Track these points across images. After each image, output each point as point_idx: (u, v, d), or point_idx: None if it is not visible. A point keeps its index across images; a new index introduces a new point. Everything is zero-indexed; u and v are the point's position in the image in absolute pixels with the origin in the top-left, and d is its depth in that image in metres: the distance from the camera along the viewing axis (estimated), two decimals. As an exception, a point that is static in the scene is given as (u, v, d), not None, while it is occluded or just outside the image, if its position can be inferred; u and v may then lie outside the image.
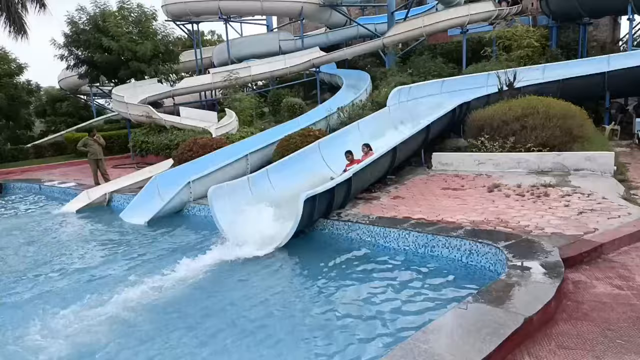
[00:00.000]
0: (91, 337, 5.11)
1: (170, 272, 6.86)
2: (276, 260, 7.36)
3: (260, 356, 4.59)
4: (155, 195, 11.55)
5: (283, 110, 19.98)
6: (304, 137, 12.27)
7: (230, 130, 16.49)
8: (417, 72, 19.41)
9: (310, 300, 5.83)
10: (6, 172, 19.40)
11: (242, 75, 22.00)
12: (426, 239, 6.93)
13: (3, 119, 25.90)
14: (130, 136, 19.81)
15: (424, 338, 3.83)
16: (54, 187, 15.08)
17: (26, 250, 9.00)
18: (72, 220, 11.44)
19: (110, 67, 20.90)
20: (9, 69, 25.45)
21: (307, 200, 7.60)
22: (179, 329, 5.23)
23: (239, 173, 11.73)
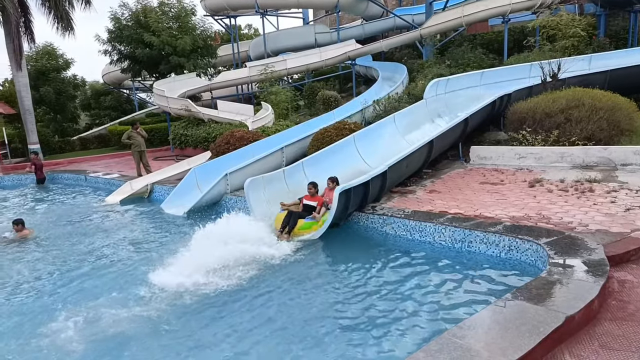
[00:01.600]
0: (132, 324, 5.33)
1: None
2: (310, 253, 7.42)
3: (298, 348, 4.66)
4: (193, 186, 11.84)
5: (318, 103, 20.00)
6: (339, 130, 12.24)
7: (266, 123, 16.67)
8: (456, 63, 18.96)
9: (343, 294, 5.85)
10: (54, 163, 20.35)
11: (278, 68, 22.14)
12: (463, 234, 6.81)
13: (51, 112, 27.13)
14: (170, 129, 20.37)
15: (460, 333, 3.79)
16: (99, 178, 15.71)
17: (73, 238, 9.42)
18: (116, 210, 11.90)
19: (151, 62, 21.51)
20: (57, 64, 26.60)
21: (342, 193, 7.61)
22: (223, 317, 5.41)
23: (274, 166, 11.86)
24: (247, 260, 6.93)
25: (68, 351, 4.79)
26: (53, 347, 4.89)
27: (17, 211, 12.53)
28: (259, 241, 7.62)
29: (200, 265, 6.59)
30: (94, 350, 4.79)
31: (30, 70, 22.78)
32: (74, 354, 4.74)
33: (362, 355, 4.41)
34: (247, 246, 7.26)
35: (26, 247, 8.84)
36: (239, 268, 6.69)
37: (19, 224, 9.36)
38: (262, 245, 7.46)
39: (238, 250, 7.10)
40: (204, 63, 22.12)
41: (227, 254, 6.95)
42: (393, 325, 4.90)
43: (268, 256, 7.16)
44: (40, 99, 24.72)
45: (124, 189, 13.23)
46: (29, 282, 7.02)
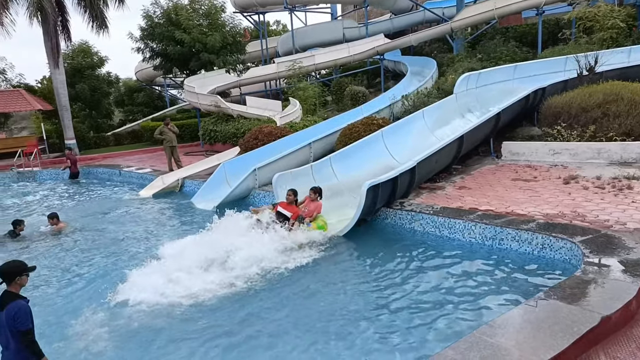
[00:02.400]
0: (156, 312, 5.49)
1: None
2: (338, 248, 7.44)
3: (324, 342, 4.69)
4: (223, 181, 12.03)
5: (346, 99, 19.93)
6: (367, 126, 12.17)
7: (294, 119, 16.73)
8: (487, 57, 18.52)
9: (369, 291, 5.84)
10: (90, 158, 21.02)
11: (305, 64, 22.14)
12: (494, 231, 6.69)
13: (86, 109, 27.99)
14: (200, 125, 20.70)
15: (490, 332, 3.74)
16: (132, 172, 16.14)
17: (106, 230, 9.73)
18: (148, 203, 12.22)
19: (182, 59, 21.87)
20: (92, 61, 27.40)
21: (370, 189, 7.58)
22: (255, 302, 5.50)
23: (302, 161, 11.92)
24: (277, 257, 6.95)
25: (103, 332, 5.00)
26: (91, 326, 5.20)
27: (53, 204, 13.03)
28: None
29: (227, 264, 6.68)
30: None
31: (66, 68, 23.51)
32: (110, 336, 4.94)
33: (388, 352, 4.40)
34: (277, 244, 7.31)
35: (61, 240, 9.17)
36: (268, 265, 6.73)
37: (54, 218, 9.69)
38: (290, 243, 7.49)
39: (265, 246, 7.15)
40: (233, 59, 22.34)
41: (254, 251, 6.99)
42: (421, 323, 4.87)
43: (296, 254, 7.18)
44: (76, 96, 25.51)
45: (156, 184, 13.56)
46: (62, 271, 7.29)
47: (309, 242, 7.52)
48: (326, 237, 7.83)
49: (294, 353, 4.52)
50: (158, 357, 4.64)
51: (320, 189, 8.44)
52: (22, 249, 8.76)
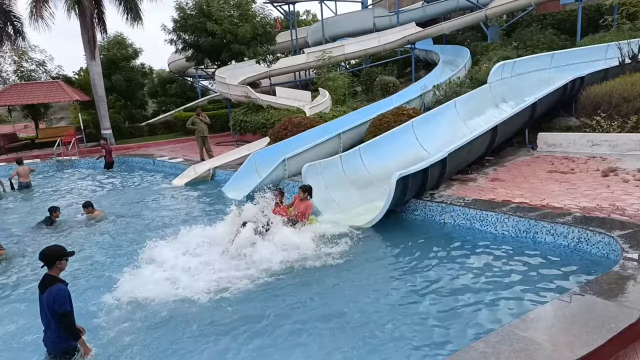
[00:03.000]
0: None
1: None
2: (366, 240, 7.40)
3: (356, 336, 4.70)
4: (252, 171, 12.17)
5: (376, 89, 19.76)
6: (397, 116, 12.05)
7: (323, 109, 16.72)
8: (523, 45, 17.96)
9: (399, 282, 5.80)
10: (125, 148, 21.62)
11: (335, 54, 22.06)
12: (528, 224, 6.53)
13: (122, 99, 28.74)
14: (231, 115, 20.95)
15: (522, 326, 3.67)
16: (165, 161, 16.52)
17: (139, 218, 10.02)
18: (180, 192, 12.50)
19: (213, 50, 22.13)
20: (127, 53, 28.03)
21: (400, 180, 7.51)
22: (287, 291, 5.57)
23: (331, 151, 11.91)
24: (307, 251, 6.91)
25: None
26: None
27: (89, 192, 13.49)
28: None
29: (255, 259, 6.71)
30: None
31: (102, 60, 24.16)
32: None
33: (418, 345, 4.38)
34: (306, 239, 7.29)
35: (95, 227, 9.46)
36: (294, 257, 6.72)
37: (88, 207, 9.97)
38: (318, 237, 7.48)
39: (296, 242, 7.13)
40: (263, 50, 22.45)
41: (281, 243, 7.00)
42: (451, 316, 4.82)
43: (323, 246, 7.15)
44: (111, 87, 26.21)
45: (189, 173, 13.84)
46: (93, 257, 7.51)
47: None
48: (353, 228, 7.81)
49: (324, 346, 4.48)
50: (188, 347, 4.70)
51: (309, 187, 7.95)
52: (57, 235, 9.08)
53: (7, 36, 23.02)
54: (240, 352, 4.53)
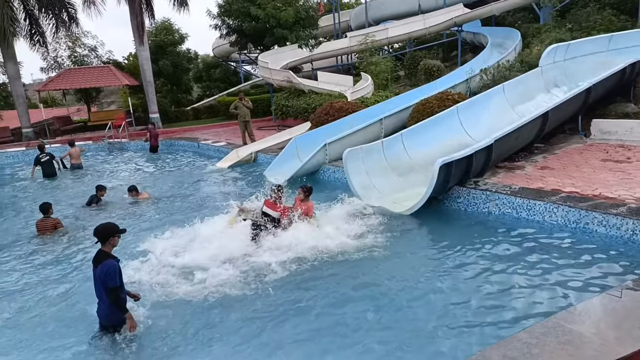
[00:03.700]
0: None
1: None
2: (406, 227, 7.31)
3: (390, 320, 4.70)
4: (294, 156, 12.26)
5: (420, 73, 19.30)
6: (441, 101, 11.74)
7: (365, 94, 16.54)
8: (579, 26, 16.97)
9: (441, 271, 5.70)
10: (171, 131, 22.28)
11: (378, 38, 21.63)
12: (578, 214, 6.26)
13: (168, 84, 29.53)
14: (273, 100, 21.11)
15: (569, 318, 3.55)
16: (209, 145, 16.92)
17: (184, 199, 10.34)
18: (223, 175, 12.79)
19: (256, 35, 22.30)
20: (173, 38, 28.70)
21: (443, 167, 7.35)
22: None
23: (373, 137, 11.80)
24: (347, 239, 6.79)
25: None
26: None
27: (137, 174, 14.06)
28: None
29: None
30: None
31: (150, 45, 24.85)
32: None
33: (462, 333, 4.32)
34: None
35: (141, 207, 9.83)
36: (329, 245, 6.61)
37: (133, 191, 10.33)
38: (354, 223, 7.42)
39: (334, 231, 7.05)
40: (305, 34, 22.38)
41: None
42: (495, 305, 4.73)
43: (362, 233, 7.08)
44: (159, 72, 26.96)
45: (231, 156, 14.13)
46: (136, 235, 7.66)
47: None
48: (393, 215, 7.74)
49: (367, 338, 4.41)
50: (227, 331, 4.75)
51: (310, 187, 7.43)
52: (105, 214, 9.50)
53: (62, 22, 24.04)
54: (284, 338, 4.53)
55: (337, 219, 7.47)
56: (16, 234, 8.64)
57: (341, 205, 8.15)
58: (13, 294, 6.02)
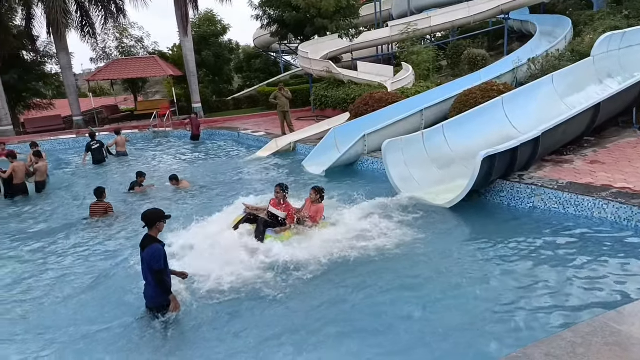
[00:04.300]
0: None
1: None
2: (444, 221, 7.18)
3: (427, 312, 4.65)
4: (332, 146, 12.25)
5: (463, 63, 18.81)
6: (485, 92, 11.39)
7: (405, 84, 16.28)
8: (636, 13, 16.01)
9: (481, 267, 5.55)
10: (212, 121, 22.72)
11: (420, 27, 21.21)
12: (630, 211, 5.96)
13: (210, 75, 30.09)
14: (312, 90, 21.14)
15: (617, 318, 3.39)
16: (249, 135, 17.16)
17: (225, 187, 10.56)
18: (262, 164, 12.95)
19: (297, 25, 22.30)
20: (216, 29, 29.17)
21: (486, 159, 7.15)
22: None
23: (413, 128, 11.63)
24: (385, 234, 6.68)
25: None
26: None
27: (179, 162, 14.46)
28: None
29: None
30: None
31: (194, 36, 25.34)
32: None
33: (506, 332, 4.22)
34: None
35: (181, 194, 10.15)
36: (377, 239, 6.55)
37: (173, 180, 10.61)
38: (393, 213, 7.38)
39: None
40: (346, 24, 22.21)
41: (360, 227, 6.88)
42: (539, 304, 4.59)
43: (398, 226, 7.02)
44: (201, 62, 27.49)
45: (270, 146, 14.29)
46: (181, 219, 7.71)
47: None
48: (432, 208, 7.62)
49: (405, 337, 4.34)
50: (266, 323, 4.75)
51: (322, 189, 7.05)
52: (147, 200, 9.86)
53: (111, 14, 24.93)
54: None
55: (373, 213, 7.43)
56: (69, 217, 9.15)
57: (378, 198, 8.11)
58: (64, 273, 6.37)
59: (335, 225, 6.98)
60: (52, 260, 6.95)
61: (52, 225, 8.66)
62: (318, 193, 6.92)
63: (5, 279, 6.29)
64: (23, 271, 6.53)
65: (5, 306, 5.49)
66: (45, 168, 11.51)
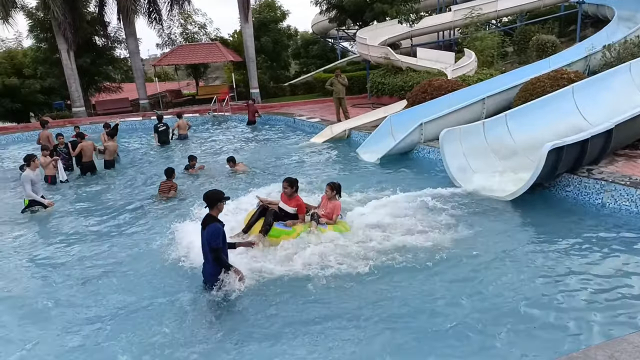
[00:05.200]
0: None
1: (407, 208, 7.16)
2: (504, 215, 6.91)
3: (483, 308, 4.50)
4: (387, 134, 12.09)
5: (530, 50, 17.80)
6: (554, 80, 10.73)
7: (467, 71, 15.68)
8: None
9: (540, 267, 5.24)
10: (269, 106, 23.11)
11: (485, 11, 20.26)
12: None
13: (268, 61, 30.50)
14: (369, 77, 20.89)
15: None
16: (304, 121, 17.29)
17: (278, 171, 10.68)
18: (317, 150, 13.04)
19: (356, 10, 22.09)
20: (275, 15, 29.45)
21: (552, 151, 6.77)
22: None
23: (473, 117, 11.22)
24: (438, 228, 6.41)
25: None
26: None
27: (236, 146, 14.83)
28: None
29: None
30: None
31: (254, 22, 25.76)
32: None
33: (565, 331, 4.04)
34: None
35: (235, 177, 10.46)
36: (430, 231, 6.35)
37: (231, 161, 10.89)
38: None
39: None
40: (406, 9, 21.67)
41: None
42: (603, 306, 4.31)
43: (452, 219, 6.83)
44: (260, 48, 27.93)
45: (325, 133, 14.32)
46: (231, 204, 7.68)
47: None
48: (492, 200, 7.35)
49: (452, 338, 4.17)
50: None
51: (339, 185, 6.67)
52: (201, 180, 10.31)
53: (176, 1, 25.82)
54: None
55: (428, 203, 7.28)
56: (136, 194, 9.77)
57: (434, 188, 7.94)
58: (128, 245, 6.74)
59: (387, 217, 6.79)
60: (116, 232, 7.44)
61: (120, 201, 9.21)
62: (334, 189, 6.55)
63: (73, 252, 6.75)
64: (90, 244, 6.99)
65: (75, 277, 5.90)
66: (114, 148, 12.23)
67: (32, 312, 5.05)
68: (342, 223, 6.52)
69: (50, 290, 5.53)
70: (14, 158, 14.67)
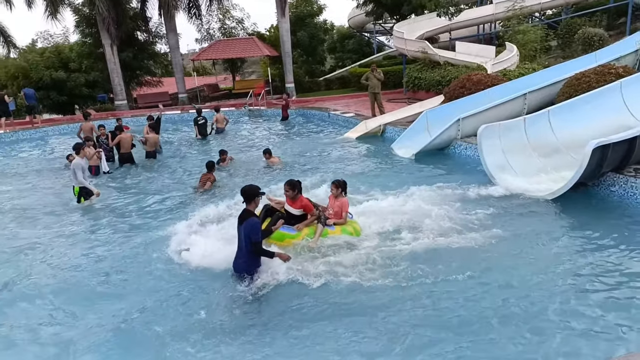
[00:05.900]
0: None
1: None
2: (544, 214, 6.67)
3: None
4: (423, 130, 11.90)
5: (576, 44, 17.10)
6: (600, 76, 10.27)
7: (508, 66, 15.22)
8: None
9: (577, 271, 5.04)
10: (304, 101, 23.17)
11: (529, 3, 19.60)
12: None
13: (304, 55, 30.58)
14: (405, 72, 20.60)
15: None
16: (339, 115, 17.24)
17: (313, 166, 10.75)
18: (351, 145, 12.99)
19: (393, 3, 21.80)
20: (312, 10, 29.46)
21: (597, 149, 6.49)
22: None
23: (513, 113, 10.89)
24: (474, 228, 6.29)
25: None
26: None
27: (271, 139, 14.97)
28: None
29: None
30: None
31: (290, 17, 25.85)
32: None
33: (601, 337, 3.90)
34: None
35: (267, 171, 10.56)
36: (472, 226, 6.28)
37: (267, 153, 10.99)
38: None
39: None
40: (445, 1, 21.20)
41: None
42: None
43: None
44: (296, 43, 28.04)
45: (360, 128, 14.24)
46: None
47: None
48: (532, 199, 7.11)
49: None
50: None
51: (344, 182, 6.42)
52: (234, 172, 10.50)
53: (215, -3, 26.25)
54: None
55: (464, 202, 7.15)
56: (177, 184, 10.12)
57: (471, 186, 7.77)
58: (164, 235, 6.90)
59: (420, 215, 6.68)
60: (151, 216, 7.74)
61: (161, 192, 9.48)
62: (339, 187, 6.33)
63: (108, 238, 7.02)
64: (128, 230, 7.25)
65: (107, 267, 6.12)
66: (154, 140, 12.58)
67: (86, 293, 5.32)
68: (351, 223, 6.33)
69: (103, 277, 5.75)
70: (60, 149, 15.31)
